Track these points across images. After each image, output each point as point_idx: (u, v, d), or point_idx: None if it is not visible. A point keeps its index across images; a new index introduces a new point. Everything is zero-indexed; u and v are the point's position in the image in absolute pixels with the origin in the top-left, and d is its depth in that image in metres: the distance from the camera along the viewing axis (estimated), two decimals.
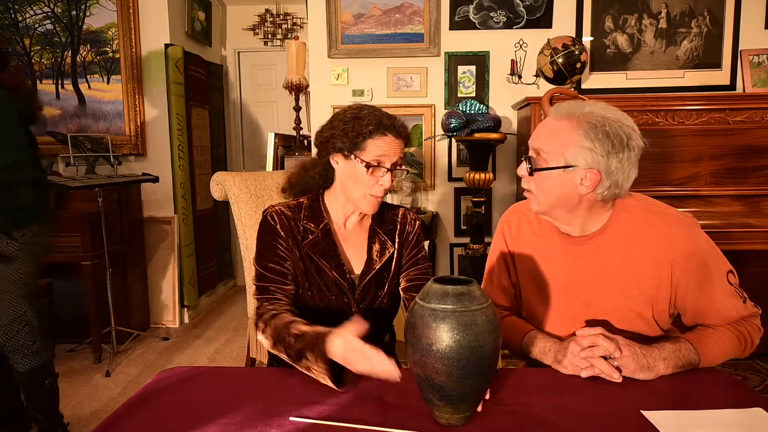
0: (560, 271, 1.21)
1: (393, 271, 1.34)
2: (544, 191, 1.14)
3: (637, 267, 1.14)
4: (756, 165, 2.61)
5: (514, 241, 1.31)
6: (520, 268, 1.29)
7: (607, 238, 1.17)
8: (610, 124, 1.07)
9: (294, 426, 0.90)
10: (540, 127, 1.16)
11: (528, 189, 1.18)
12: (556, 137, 1.10)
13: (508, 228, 1.32)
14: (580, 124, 1.08)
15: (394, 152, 1.23)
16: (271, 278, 1.26)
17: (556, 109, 1.15)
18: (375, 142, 1.21)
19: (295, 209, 1.31)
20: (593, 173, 1.08)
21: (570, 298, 1.20)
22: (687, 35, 3.12)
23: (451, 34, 3.22)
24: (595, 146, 1.06)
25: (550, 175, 1.11)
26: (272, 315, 1.17)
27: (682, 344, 1.08)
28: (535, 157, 1.14)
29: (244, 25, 4.63)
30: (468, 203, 3.25)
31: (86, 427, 2.35)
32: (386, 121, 1.22)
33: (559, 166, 1.10)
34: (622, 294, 1.15)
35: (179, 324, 3.76)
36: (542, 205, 1.16)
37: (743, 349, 1.13)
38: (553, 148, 1.10)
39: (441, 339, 0.84)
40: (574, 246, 1.19)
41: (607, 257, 1.16)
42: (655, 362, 1.04)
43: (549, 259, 1.23)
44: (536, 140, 1.15)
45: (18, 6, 3.56)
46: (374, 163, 1.21)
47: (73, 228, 3.06)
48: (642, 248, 1.14)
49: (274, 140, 3.24)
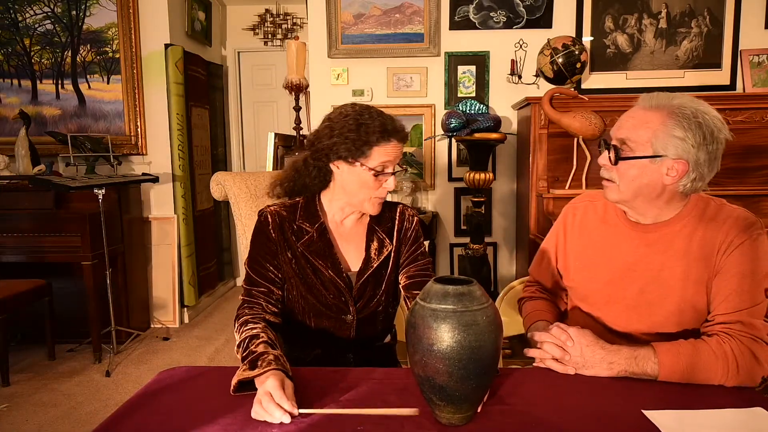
0: (621, 256, 1.21)
1: (391, 268, 1.33)
2: (627, 180, 1.13)
3: (697, 259, 1.13)
4: (756, 165, 2.61)
5: (575, 227, 1.31)
6: (578, 252, 1.30)
7: (674, 230, 1.16)
8: (702, 116, 1.08)
9: (294, 426, 0.90)
10: (626, 118, 1.15)
11: (608, 178, 1.17)
12: (645, 127, 1.10)
13: (573, 215, 1.33)
14: (672, 114, 1.09)
15: (397, 156, 1.24)
16: (257, 282, 1.27)
17: (643, 99, 1.15)
18: (380, 149, 1.21)
19: (291, 209, 1.31)
20: (681, 164, 1.09)
21: (627, 283, 1.20)
22: (687, 35, 3.12)
23: (451, 34, 3.22)
24: (687, 136, 1.07)
25: (635, 164, 1.11)
26: (245, 321, 1.18)
27: (641, 351, 1.05)
28: (620, 147, 1.14)
29: (244, 25, 4.63)
30: (468, 203, 3.25)
31: (86, 427, 2.35)
32: (389, 126, 1.22)
33: (647, 155, 1.10)
34: (678, 284, 1.15)
35: (179, 324, 3.76)
36: (623, 193, 1.15)
37: (726, 373, 1.02)
38: (641, 137, 1.10)
39: (442, 339, 0.84)
40: (640, 233, 1.20)
41: (670, 247, 1.16)
42: (594, 363, 1.06)
43: (611, 243, 1.24)
44: (621, 130, 1.14)
45: (18, 6, 3.56)
46: (380, 169, 1.22)
47: (73, 228, 3.06)
48: (703, 242, 1.13)
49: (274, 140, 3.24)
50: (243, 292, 1.27)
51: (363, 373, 1.10)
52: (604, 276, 1.23)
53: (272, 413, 0.90)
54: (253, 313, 1.21)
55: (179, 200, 3.71)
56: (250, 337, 1.11)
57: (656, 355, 1.04)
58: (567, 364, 1.08)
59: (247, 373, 1.01)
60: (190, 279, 3.79)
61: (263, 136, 4.68)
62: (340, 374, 1.10)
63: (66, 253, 3.09)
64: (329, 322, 1.31)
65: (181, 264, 3.73)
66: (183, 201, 3.72)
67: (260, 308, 1.24)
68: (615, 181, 1.16)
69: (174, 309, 3.73)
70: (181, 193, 3.71)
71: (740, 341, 1.04)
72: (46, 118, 3.65)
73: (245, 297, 1.26)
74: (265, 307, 1.24)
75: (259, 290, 1.26)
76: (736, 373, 1.02)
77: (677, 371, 1.03)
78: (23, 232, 3.11)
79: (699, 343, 1.06)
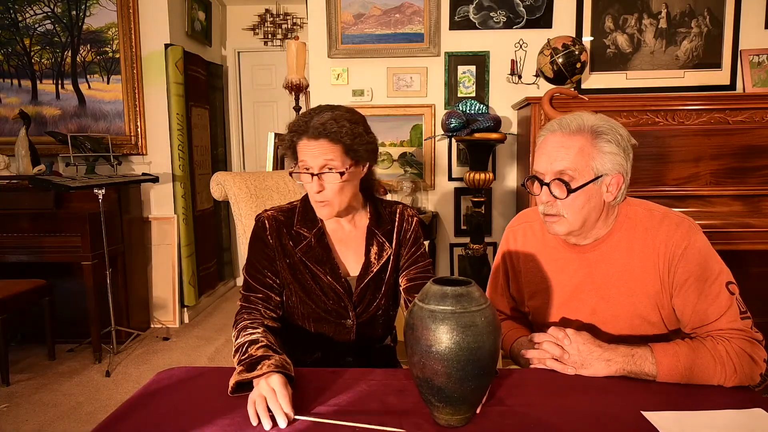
0: (567, 279, 1.22)
1: (390, 271, 1.31)
2: (575, 210, 1.12)
3: (641, 271, 1.14)
4: (756, 165, 2.60)
5: (519, 251, 1.31)
6: (526, 278, 1.30)
7: (611, 245, 1.17)
8: (617, 128, 1.12)
9: (295, 426, 0.90)
10: (553, 150, 1.12)
11: (554, 213, 1.14)
12: (579, 152, 1.11)
13: (513, 240, 1.33)
14: (594, 133, 1.11)
15: (313, 155, 1.16)
16: (255, 288, 1.25)
17: (557, 127, 1.14)
18: (300, 149, 1.18)
19: (289, 214, 1.29)
20: (618, 177, 1.12)
21: (577, 305, 1.21)
22: (687, 35, 3.11)
23: (451, 34, 3.22)
24: (616, 150, 1.11)
25: (584, 191, 1.11)
26: (243, 327, 1.17)
27: (638, 350, 1.05)
28: (562, 179, 1.12)
29: (244, 25, 4.63)
30: (468, 203, 3.25)
31: (86, 427, 2.35)
32: (302, 124, 1.16)
33: (591, 179, 1.11)
34: (628, 299, 1.15)
35: (179, 324, 3.76)
36: (573, 224, 1.14)
37: (723, 373, 1.02)
38: (579, 163, 1.11)
39: (440, 340, 0.84)
40: (580, 254, 1.20)
41: (611, 263, 1.17)
42: (592, 362, 1.06)
43: (555, 267, 1.24)
44: (557, 162, 1.12)
45: (18, 6, 3.56)
46: (300, 169, 1.18)
47: (73, 228, 3.07)
48: (644, 252, 1.14)
49: (274, 140, 3.24)
50: (241, 298, 1.26)
51: (362, 373, 1.10)
52: (554, 300, 1.24)
53: (274, 410, 0.90)
54: (252, 318, 1.20)
55: (179, 200, 3.71)
56: (250, 342, 1.10)
57: (653, 355, 1.04)
58: (566, 363, 1.08)
59: (245, 374, 1.00)
60: (190, 279, 3.79)
61: (263, 136, 4.68)
62: (338, 375, 1.09)
63: (66, 253, 3.09)
64: (329, 326, 1.30)
65: (181, 264, 3.73)
66: (183, 201, 3.72)
67: (258, 314, 1.22)
68: (563, 214, 1.14)
69: (174, 309, 3.73)
70: (181, 193, 3.71)
71: (733, 342, 1.04)
72: (46, 118, 3.65)
73: (243, 303, 1.25)
74: (263, 313, 1.23)
75: (257, 296, 1.25)
76: (734, 373, 1.02)
77: (676, 371, 1.03)
78: (23, 232, 3.11)
79: (696, 344, 1.05)
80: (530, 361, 1.14)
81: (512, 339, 1.26)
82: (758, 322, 1.11)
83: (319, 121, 1.15)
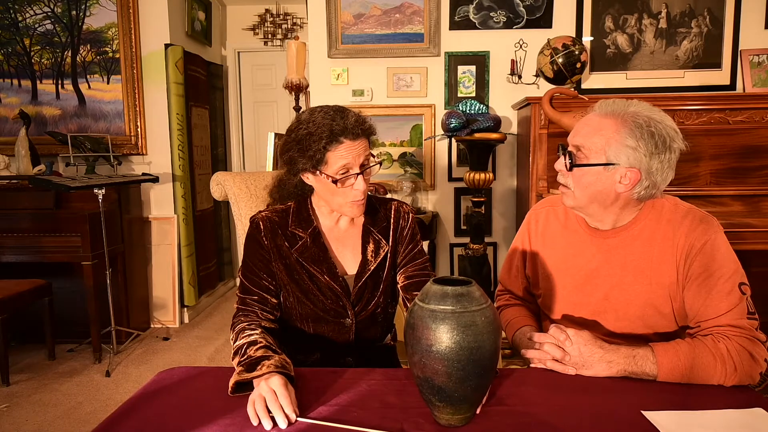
0: (583, 262, 1.22)
1: (388, 269, 1.31)
2: (582, 186, 1.14)
3: (659, 261, 1.14)
4: (756, 165, 2.60)
5: (539, 234, 1.32)
6: (542, 260, 1.30)
7: (632, 233, 1.17)
8: (656, 125, 1.09)
9: (295, 426, 0.90)
10: (582, 124, 1.15)
11: (564, 184, 1.18)
12: (599, 134, 1.11)
13: (535, 221, 1.34)
14: (626, 122, 1.09)
15: (357, 155, 1.17)
16: (251, 290, 1.25)
17: (600, 106, 1.15)
18: (334, 154, 1.15)
19: (283, 214, 1.28)
20: (634, 172, 1.10)
21: (591, 289, 1.21)
22: (687, 35, 3.11)
23: (451, 34, 3.22)
24: (639, 146, 1.08)
25: (589, 171, 1.12)
26: (241, 329, 1.16)
27: (639, 351, 1.05)
28: (575, 153, 1.14)
29: (244, 25, 4.63)
30: (468, 203, 3.25)
31: (86, 427, 2.35)
32: (337, 127, 1.14)
33: (599, 163, 1.10)
34: (642, 288, 1.16)
35: (179, 324, 3.76)
36: (578, 200, 1.16)
37: (724, 371, 1.02)
38: (595, 144, 1.11)
39: (440, 340, 0.84)
40: (600, 239, 1.21)
41: (630, 251, 1.17)
42: (593, 363, 1.05)
43: (573, 250, 1.24)
44: (577, 136, 1.15)
45: (18, 6, 3.56)
46: (340, 174, 1.16)
47: (73, 228, 3.07)
48: (663, 243, 1.14)
49: (274, 140, 3.24)
50: (237, 301, 1.25)
51: (362, 373, 1.10)
52: (568, 283, 1.24)
53: (274, 411, 0.90)
54: (249, 320, 1.20)
55: (179, 200, 3.71)
56: (248, 343, 1.09)
57: (654, 355, 1.04)
58: (567, 364, 1.08)
59: (245, 375, 1.00)
60: (190, 279, 3.79)
61: (263, 136, 4.68)
62: (338, 375, 1.09)
63: (66, 253, 3.09)
64: (328, 326, 1.29)
65: (181, 264, 3.73)
66: (183, 201, 3.72)
67: (255, 316, 1.22)
68: (570, 187, 1.16)
69: (174, 309, 3.73)
70: (181, 193, 3.71)
71: (734, 340, 1.04)
72: (46, 118, 3.65)
73: (239, 305, 1.24)
74: (260, 315, 1.22)
75: (252, 299, 1.24)
76: (734, 371, 1.02)
77: (677, 371, 1.03)
78: (23, 232, 3.11)
79: (696, 343, 1.05)
80: (531, 360, 1.14)
81: (516, 326, 1.28)
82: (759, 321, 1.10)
83: (352, 122, 1.16)
